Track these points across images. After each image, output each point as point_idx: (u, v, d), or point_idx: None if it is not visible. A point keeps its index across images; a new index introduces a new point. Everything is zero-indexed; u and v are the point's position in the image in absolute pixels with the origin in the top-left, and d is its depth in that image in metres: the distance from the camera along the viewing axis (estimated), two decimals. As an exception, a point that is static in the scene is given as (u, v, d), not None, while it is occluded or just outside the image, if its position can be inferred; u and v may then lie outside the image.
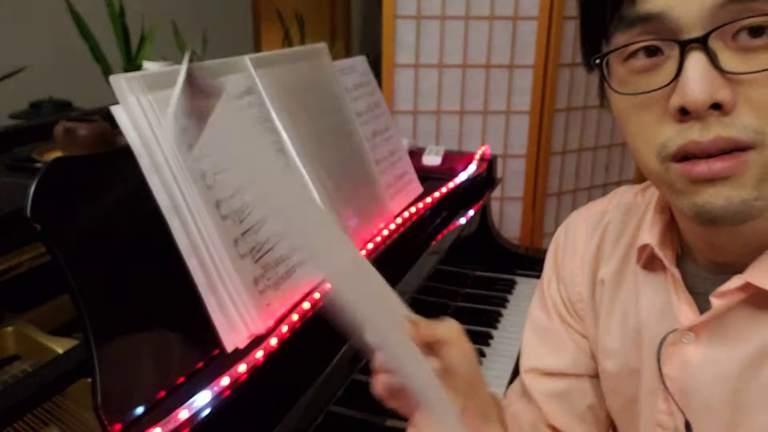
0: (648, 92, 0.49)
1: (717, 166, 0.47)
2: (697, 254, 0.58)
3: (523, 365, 0.74)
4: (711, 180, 0.47)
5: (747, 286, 0.53)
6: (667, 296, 0.60)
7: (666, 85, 0.48)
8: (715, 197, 0.48)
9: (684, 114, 0.47)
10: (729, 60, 0.46)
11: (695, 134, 0.47)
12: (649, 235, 0.60)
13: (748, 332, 0.55)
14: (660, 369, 0.59)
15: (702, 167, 0.47)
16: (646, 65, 0.49)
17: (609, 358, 0.67)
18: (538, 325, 0.74)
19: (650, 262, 0.62)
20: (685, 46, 0.46)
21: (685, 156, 0.48)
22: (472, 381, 0.58)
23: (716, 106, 0.46)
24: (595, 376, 0.71)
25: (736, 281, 0.53)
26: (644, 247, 0.61)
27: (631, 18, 0.48)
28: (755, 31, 0.45)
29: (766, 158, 0.46)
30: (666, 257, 0.59)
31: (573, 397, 0.71)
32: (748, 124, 0.46)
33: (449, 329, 0.57)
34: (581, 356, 0.71)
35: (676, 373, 0.58)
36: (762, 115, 0.46)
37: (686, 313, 0.58)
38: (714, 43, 0.46)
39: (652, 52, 0.49)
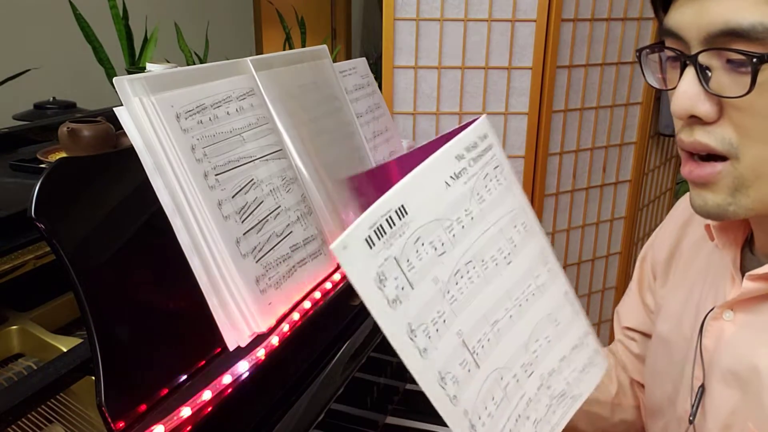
0: (665, 90, 0.57)
1: (695, 173, 0.54)
2: (758, 241, 0.62)
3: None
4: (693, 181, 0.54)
5: None
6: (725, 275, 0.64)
7: (672, 89, 0.54)
8: (696, 197, 0.55)
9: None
10: (721, 78, 0.50)
11: (683, 134, 0.54)
12: None
13: None
14: (701, 340, 0.64)
15: (685, 169, 0.54)
16: (670, 67, 0.57)
17: (666, 321, 0.72)
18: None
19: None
20: (684, 60, 0.52)
21: (682, 147, 0.55)
22: None
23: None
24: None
25: (766, 267, 0.56)
26: (707, 226, 0.66)
27: (664, 29, 0.56)
28: (736, 64, 0.50)
29: (739, 171, 0.51)
30: (725, 240, 0.64)
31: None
32: (727, 137, 0.51)
33: None
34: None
35: (711, 345, 0.63)
36: (740, 133, 0.51)
37: (730, 291, 0.61)
38: (711, 62, 0.51)
39: (674, 57, 0.55)
